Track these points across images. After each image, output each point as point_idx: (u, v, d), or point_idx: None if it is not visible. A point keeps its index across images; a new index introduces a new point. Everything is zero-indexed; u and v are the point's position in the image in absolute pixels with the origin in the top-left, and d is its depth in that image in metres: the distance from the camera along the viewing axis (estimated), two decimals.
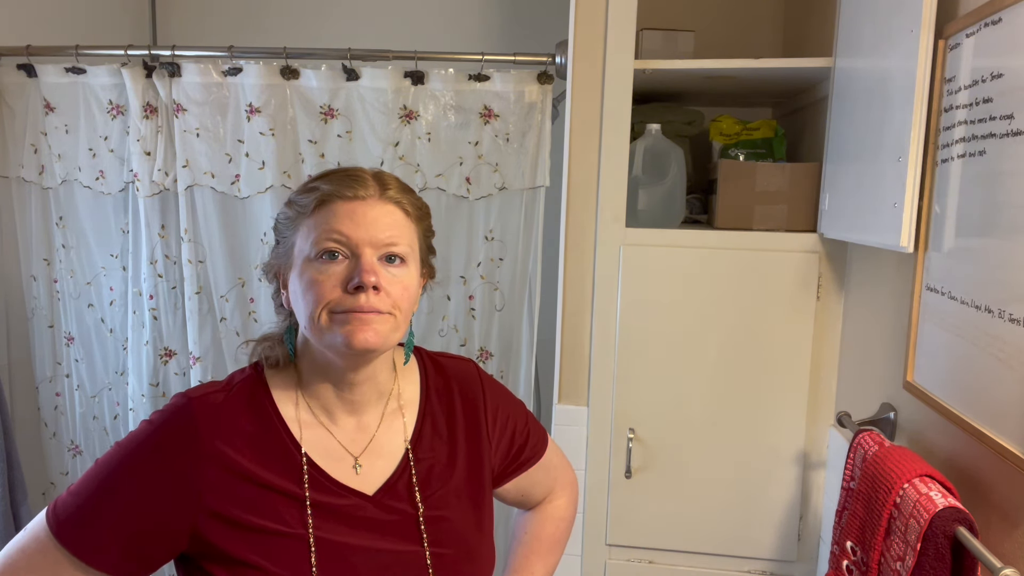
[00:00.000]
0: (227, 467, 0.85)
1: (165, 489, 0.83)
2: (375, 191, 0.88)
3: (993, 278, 0.95)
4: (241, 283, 1.98)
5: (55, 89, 1.94)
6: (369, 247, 0.85)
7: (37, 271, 2.08)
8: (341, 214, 0.85)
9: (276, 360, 0.93)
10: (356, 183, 0.87)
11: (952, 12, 1.10)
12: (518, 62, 1.80)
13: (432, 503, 0.94)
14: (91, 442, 2.15)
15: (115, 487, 0.83)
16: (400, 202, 0.89)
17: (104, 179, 1.98)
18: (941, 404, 1.08)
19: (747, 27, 2.08)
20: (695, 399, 1.61)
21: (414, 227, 0.91)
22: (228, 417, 0.87)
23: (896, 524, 1.00)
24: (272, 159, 1.87)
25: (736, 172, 1.62)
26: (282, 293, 0.93)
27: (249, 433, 0.88)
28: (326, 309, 0.84)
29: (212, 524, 0.84)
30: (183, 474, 0.84)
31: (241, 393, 0.91)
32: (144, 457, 0.84)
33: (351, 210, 0.85)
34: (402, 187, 0.91)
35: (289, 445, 0.89)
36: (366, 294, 0.83)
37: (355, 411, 0.93)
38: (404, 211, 0.89)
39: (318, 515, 0.87)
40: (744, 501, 1.62)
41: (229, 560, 0.84)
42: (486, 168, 1.85)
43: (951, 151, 1.08)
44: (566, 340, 1.67)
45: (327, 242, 0.84)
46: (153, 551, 0.85)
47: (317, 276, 0.84)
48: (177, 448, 0.84)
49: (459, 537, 0.95)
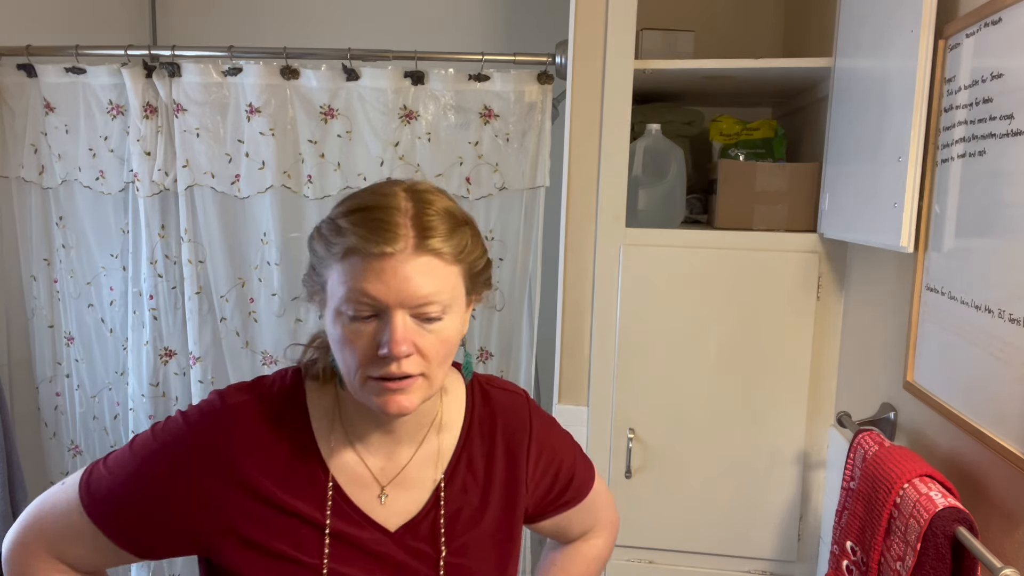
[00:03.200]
0: (253, 488, 0.84)
1: (193, 496, 0.84)
2: (410, 243, 0.76)
3: (993, 278, 0.95)
4: (241, 283, 1.98)
5: (55, 89, 1.94)
6: (400, 309, 0.76)
7: (37, 271, 2.08)
8: (370, 273, 0.75)
9: (318, 373, 0.89)
10: (387, 235, 0.75)
11: (952, 12, 1.10)
12: (518, 62, 1.81)
13: (456, 548, 0.90)
14: (91, 442, 2.15)
15: (148, 478, 0.84)
16: (440, 252, 0.77)
17: (104, 179, 1.98)
18: (941, 404, 1.08)
19: (747, 27, 2.08)
20: (695, 399, 1.61)
21: (457, 269, 0.80)
22: (261, 432, 0.86)
23: (896, 524, 1.00)
24: (272, 159, 1.87)
25: (736, 172, 1.62)
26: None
27: (279, 451, 0.86)
28: (359, 373, 0.79)
29: (229, 541, 0.84)
30: (210, 489, 0.84)
31: (277, 404, 0.88)
32: (177, 459, 0.84)
33: (380, 269, 0.75)
34: (447, 230, 0.78)
35: (317, 467, 0.87)
36: (397, 363, 0.77)
37: (392, 439, 0.90)
38: (444, 260, 0.78)
39: (336, 545, 0.85)
40: (744, 501, 1.62)
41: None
42: (486, 168, 1.85)
43: (951, 151, 1.08)
44: (566, 340, 1.67)
45: (356, 304, 0.76)
46: (176, 545, 0.87)
47: (349, 335, 0.78)
48: (209, 460, 0.84)
49: None
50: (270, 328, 1.98)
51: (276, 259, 1.93)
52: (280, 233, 1.91)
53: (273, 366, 2.00)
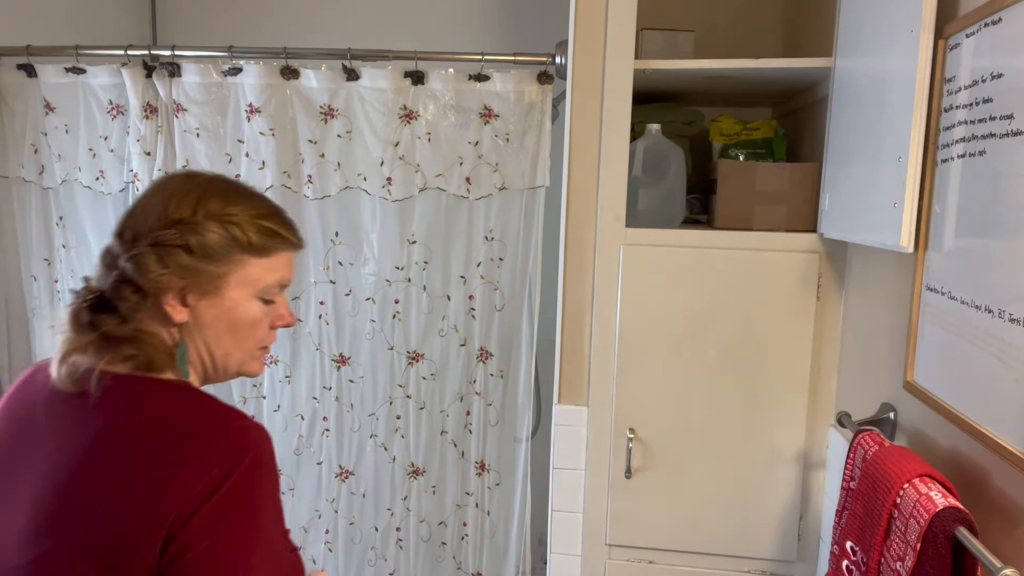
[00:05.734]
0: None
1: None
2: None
3: (993, 278, 0.95)
4: None
5: (55, 89, 1.94)
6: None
7: (37, 271, 2.08)
8: (291, 264, 0.94)
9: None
10: (299, 233, 0.95)
11: (952, 12, 1.10)
12: (518, 62, 1.81)
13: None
14: None
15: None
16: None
17: (104, 179, 1.98)
18: (941, 404, 1.08)
19: (747, 27, 2.08)
20: (695, 399, 1.61)
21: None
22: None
23: (896, 524, 1.00)
24: (272, 159, 1.87)
25: (736, 172, 1.62)
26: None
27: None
28: (256, 345, 0.92)
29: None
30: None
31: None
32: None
33: (294, 260, 0.95)
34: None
35: None
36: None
37: None
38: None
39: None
40: (744, 501, 1.62)
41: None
42: (486, 168, 1.85)
43: (951, 151, 1.08)
44: (566, 340, 1.67)
45: (278, 289, 0.92)
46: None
47: (261, 315, 0.90)
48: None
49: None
50: None
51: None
52: None
53: (273, 366, 2.00)
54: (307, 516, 2.08)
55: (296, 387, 2.02)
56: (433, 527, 2.06)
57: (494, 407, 1.98)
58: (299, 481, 2.07)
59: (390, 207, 1.88)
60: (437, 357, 1.97)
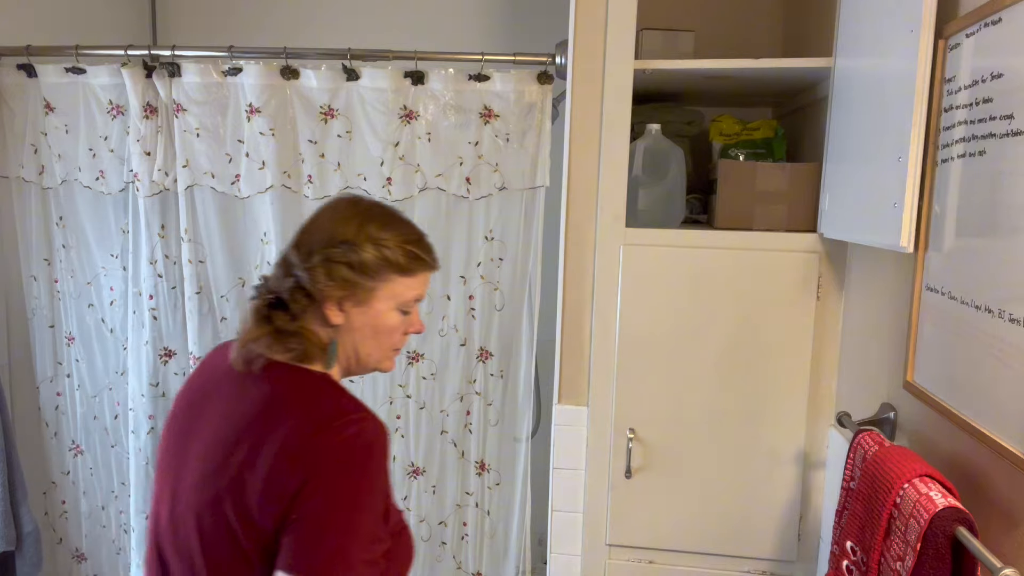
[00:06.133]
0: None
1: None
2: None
3: (993, 278, 0.95)
4: (241, 283, 1.98)
5: (55, 89, 1.94)
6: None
7: (37, 271, 2.08)
8: (427, 282, 1.10)
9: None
10: (437, 258, 1.10)
11: (952, 12, 1.10)
12: (518, 62, 1.80)
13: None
14: (92, 442, 2.15)
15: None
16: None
17: (104, 179, 1.98)
18: (941, 404, 1.08)
19: (747, 27, 2.08)
20: (695, 399, 1.61)
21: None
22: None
23: (896, 524, 1.00)
24: (272, 159, 1.87)
25: (736, 172, 1.62)
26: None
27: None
28: (391, 347, 1.09)
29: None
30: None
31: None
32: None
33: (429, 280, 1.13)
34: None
35: None
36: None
37: None
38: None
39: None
40: (744, 501, 1.62)
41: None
42: (486, 168, 1.85)
43: (951, 151, 1.08)
44: (566, 340, 1.67)
45: (415, 303, 1.09)
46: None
47: (399, 323, 1.07)
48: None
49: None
50: None
51: (276, 259, 1.93)
52: (280, 233, 1.91)
53: None
54: None
55: None
56: (433, 527, 2.06)
57: (494, 407, 1.98)
58: None
59: None
60: (437, 357, 1.97)
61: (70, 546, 2.22)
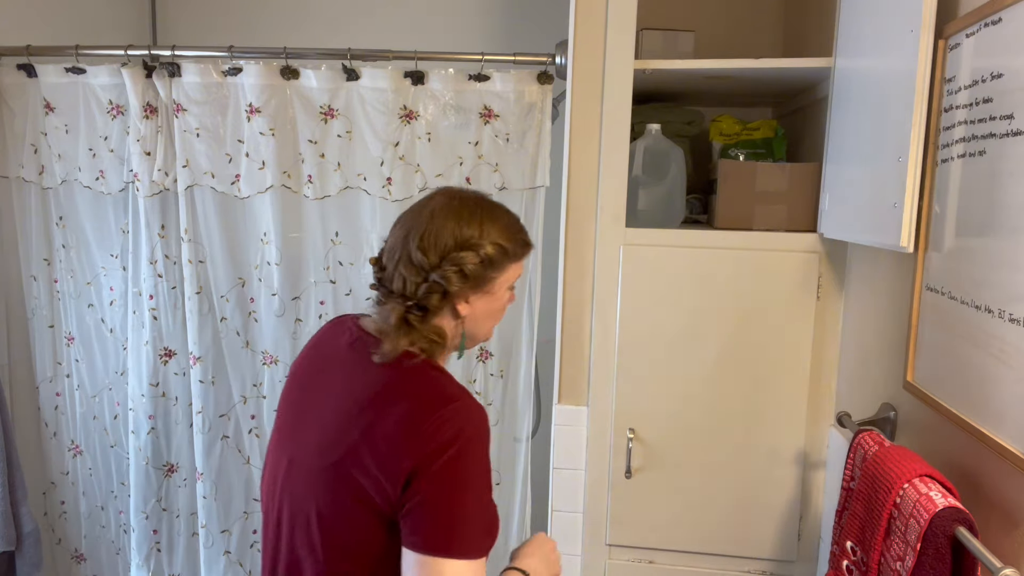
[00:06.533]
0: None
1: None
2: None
3: (993, 278, 0.95)
4: (241, 283, 1.98)
5: (55, 89, 1.94)
6: None
7: (37, 271, 2.08)
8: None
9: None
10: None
11: (952, 12, 1.10)
12: (518, 62, 1.80)
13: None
14: (91, 442, 2.15)
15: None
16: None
17: (104, 179, 1.98)
18: (941, 404, 1.08)
19: (747, 27, 2.08)
20: (695, 399, 1.61)
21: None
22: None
23: (896, 524, 1.00)
24: (272, 159, 1.87)
25: (736, 172, 1.62)
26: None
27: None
28: (497, 321, 1.19)
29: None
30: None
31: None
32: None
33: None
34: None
35: None
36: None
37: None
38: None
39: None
40: (744, 501, 1.62)
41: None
42: (486, 168, 1.85)
43: (951, 151, 1.08)
44: (566, 340, 1.67)
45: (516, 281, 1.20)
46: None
47: (507, 300, 1.17)
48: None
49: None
50: (270, 328, 1.98)
51: (276, 259, 1.93)
52: (280, 233, 1.91)
53: (273, 366, 2.00)
54: None
55: None
56: None
57: (494, 407, 1.98)
58: None
59: (390, 207, 1.88)
60: None
61: (69, 546, 2.22)
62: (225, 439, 2.05)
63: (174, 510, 2.12)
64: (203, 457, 2.03)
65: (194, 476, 2.07)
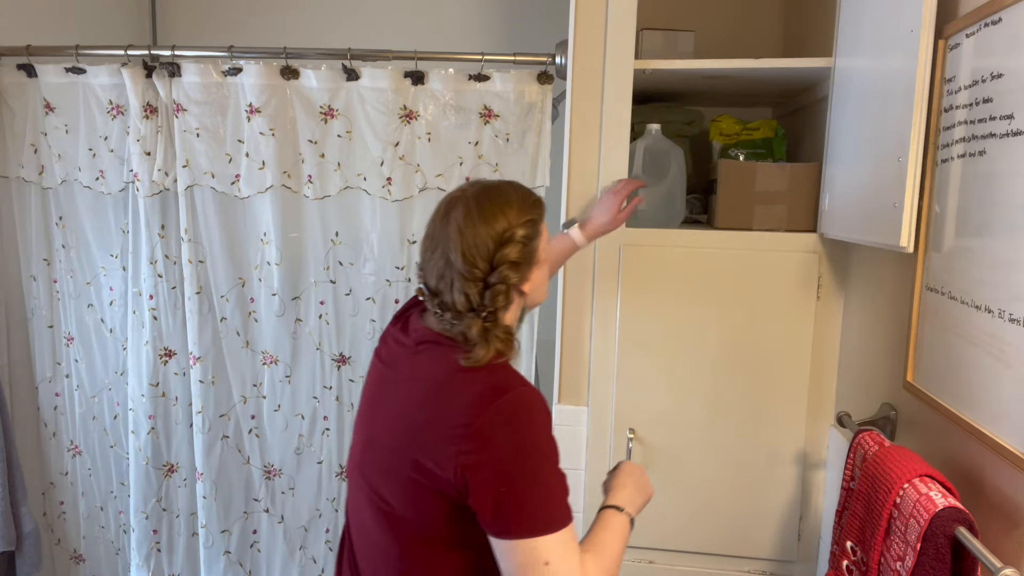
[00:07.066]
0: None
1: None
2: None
3: (993, 278, 0.95)
4: (241, 283, 1.98)
5: (55, 89, 1.94)
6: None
7: (37, 271, 2.08)
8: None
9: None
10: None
11: (952, 12, 1.10)
12: (518, 62, 1.80)
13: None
14: (91, 442, 2.15)
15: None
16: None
17: (104, 179, 1.98)
18: (941, 404, 1.08)
19: (747, 27, 2.08)
20: (695, 399, 1.61)
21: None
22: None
23: (896, 524, 1.00)
24: (272, 159, 1.87)
25: (736, 172, 1.62)
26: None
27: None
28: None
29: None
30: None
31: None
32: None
33: None
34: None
35: None
36: None
37: None
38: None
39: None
40: (744, 501, 1.62)
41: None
42: (486, 168, 1.85)
43: (951, 151, 1.08)
44: (566, 340, 1.67)
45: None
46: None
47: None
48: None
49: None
50: (270, 328, 1.98)
51: (276, 259, 1.93)
52: (280, 233, 1.91)
53: (273, 366, 2.00)
54: (307, 515, 2.08)
55: (296, 387, 2.02)
56: None
57: None
58: (299, 480, 2.07)
59: (390, 207, 1.88)
60: None
61: (68, 547, 2.22)
62: (225, 439, 2.05)
63: (174, 510, 2.12)
64: (203, 457, 2.03)
65: (194, 476, 2.07)
